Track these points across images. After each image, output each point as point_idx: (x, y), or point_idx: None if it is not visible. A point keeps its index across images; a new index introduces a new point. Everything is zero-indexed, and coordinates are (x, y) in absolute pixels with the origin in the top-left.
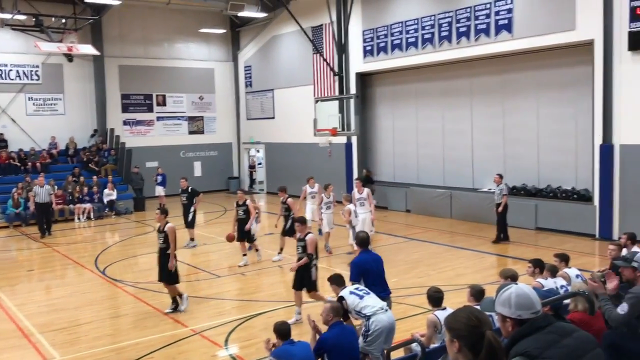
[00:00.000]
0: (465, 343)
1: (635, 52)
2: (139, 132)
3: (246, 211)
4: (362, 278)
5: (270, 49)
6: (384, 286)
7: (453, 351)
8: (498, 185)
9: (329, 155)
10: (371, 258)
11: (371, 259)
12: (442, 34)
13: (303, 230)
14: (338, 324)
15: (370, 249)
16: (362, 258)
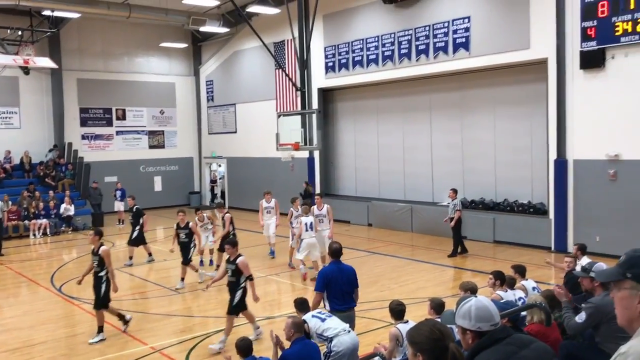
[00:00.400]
0: (428, 356)
1: (586, 71)
2: (97, 146)
3: (189, 234)
4: (326, 288)
5: (232, 63)
6: (345, 299)
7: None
8: (452, 200)
9: (291, 169)
10: (338, 269)
11: (338, 270)
12: (402, 52)
13: (233, 252)
14: (300, 340)
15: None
16: (329, 269)
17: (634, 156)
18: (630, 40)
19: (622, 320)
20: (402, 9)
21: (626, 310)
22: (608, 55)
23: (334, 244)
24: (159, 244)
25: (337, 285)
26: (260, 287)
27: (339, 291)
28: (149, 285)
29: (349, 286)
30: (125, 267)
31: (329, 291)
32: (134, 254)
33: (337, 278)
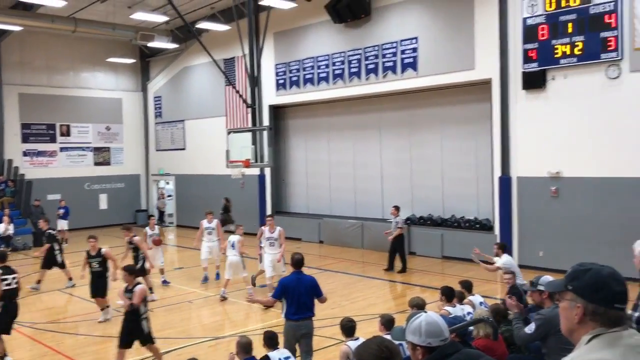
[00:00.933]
0: None
1: (528, 91)
2: (40, 163)
3: (102, 263)
4: (284, 297)
5: (181, 79)
6: (300, 309)
7: None
8: (395, 218)
9: (242, 186)
10: (297, 279)
11: (297, 280)
12: (352, 70)
13: (130, 280)
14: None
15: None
16: (289, 278)
17: (574, 173)
18: (568, 62)
19: (564, 330)
20: (352, 29)
21: (566, 321)
22: (549, 77)
23: (296, 255)
24: None
25: (295, 296)
26: (209, 307)
27: (295, 301)
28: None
29: (307, 297)
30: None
31: (287, 300)
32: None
33: (295, 288)
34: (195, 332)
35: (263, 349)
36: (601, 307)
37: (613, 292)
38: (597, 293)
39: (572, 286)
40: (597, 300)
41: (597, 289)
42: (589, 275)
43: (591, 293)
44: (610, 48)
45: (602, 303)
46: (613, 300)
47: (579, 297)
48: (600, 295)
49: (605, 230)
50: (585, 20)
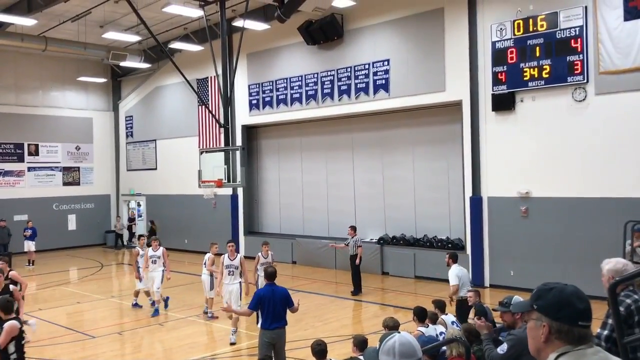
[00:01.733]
0: None
1: (498, 113)
2: (7, 183)
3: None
4: (259, 308)
5: (153, 99)
6: (275, 319)
7: None
8: (352, 237)
9: (214, 206)
10: (271, 290)
11: (271, 291)
12: (325, 91)
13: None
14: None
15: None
16: (264, 290)
17: (543, 193)
18: (536, 85)
19: (531, 350)
20: (324, 50)
21: (533, 340)
22: (517, 99)
23: (270, 268)
24: (72, 285)
25: (270, 306)
26: (178, 330)
27: (270, 311)
28: (61, 330)
29: (281, 306)
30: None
31: (262, 310)
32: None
33: (269, 299)
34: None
35: None
36: (565, 324)
37: (576, 309)
38: (560, 311)
39: (537, 305)
40: (561, 318)
41: (561, 307)
42: (552, 294)
43: (555, 311)
44: (576, 72)
45: (566, 321)
46: (577, 318)
47: (543, 316)
48: (564, 312)
49: (574, 250)
50: (552, 44)
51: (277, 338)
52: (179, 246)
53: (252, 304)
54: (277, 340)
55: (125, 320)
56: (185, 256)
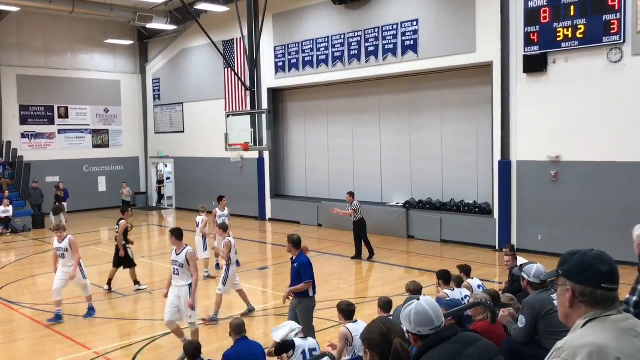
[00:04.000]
0: (376, 352)
1: (529, 75)
2: (39, 145)
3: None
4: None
5: (179, 61)
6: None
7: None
8: (351, 204)
9: (241, 170)
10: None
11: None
12: (352, 53)
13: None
14: (242, 340)
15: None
16: (307, 258)
17: (574, 158)
18: (570, 45)
19: (561, 317)
20: (351, 10)
21: (561, 307)
22: (550, 60)
23: (295, 235)
24: (103, 245)
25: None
26: (206, 289)
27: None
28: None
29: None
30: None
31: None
32: None
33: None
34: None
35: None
36: (588, 287)
37: (599, 272)
38: (583, 274)
39: (562, 270)
40: (584, 281)
41: (583, 269)
42: (575, 258)
43: (578, 274)
44: (612, 31)
45: (588, 283)
46: (600, 280)
47: (568, 280)
48: (587, 275)
49: (604, 215)
50: (587, 2)
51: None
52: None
53: (310, 273)
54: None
55: (155, 279)
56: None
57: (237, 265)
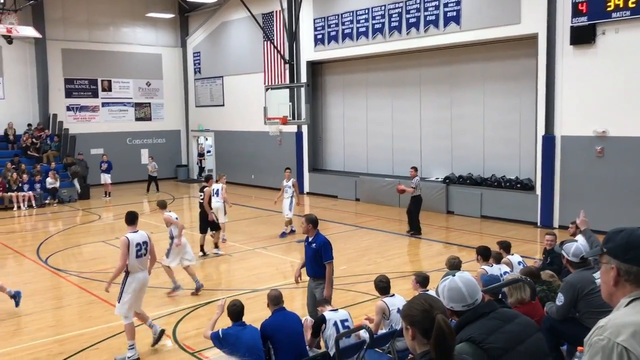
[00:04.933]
0: (418, 329)
1: (576, 47)
2: (83, 118)
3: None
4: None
5: (219, 35)
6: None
7: (409, 338)
8: (414, 179)
9: (279, 143)
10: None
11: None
12: (392, 25)
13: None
14: (279, 311)
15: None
16: (325, 237)
17: (621, 133)
18: (621, 15)
19: (604, 296)
20: None
21: (605, 285)
22: (599, 31)
23: (312, 215)
24: (146, 216)
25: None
26: (247, 261)
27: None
28: None
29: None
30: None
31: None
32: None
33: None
34: (235, 284)
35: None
36: (634, 266)
37: None
38: (629, 252)
39: (607, 248)
40: (629, 260)
41: (629, 248)
42: (620, 236)
43: (623, 253)
44: None
45: (635, 262)
46: None
47: (612, 259)
48: (633, 254)
49: None
50: None
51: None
52: (246, 181)
53: (331, 253)
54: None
55: (196, 250)
56: (253, 191)
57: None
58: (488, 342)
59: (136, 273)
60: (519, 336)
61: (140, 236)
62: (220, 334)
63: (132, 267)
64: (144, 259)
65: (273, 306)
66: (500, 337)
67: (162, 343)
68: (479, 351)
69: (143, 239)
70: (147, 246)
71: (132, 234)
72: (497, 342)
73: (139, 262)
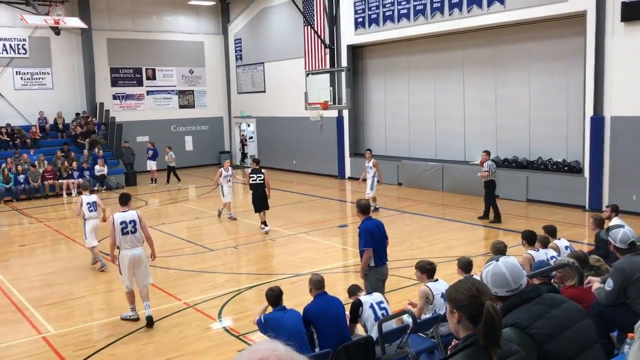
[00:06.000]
0: (465, 313)
1: (628, 24)
2: (129, 106)
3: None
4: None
5: (260, 21)
6: (384, 253)
7: (453, 322)
8: (484, 163)
9: (320, 128)
10: (375, 225)
11: (374, 225)
12: (434, 5)
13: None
14: (321, 295)
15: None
16: (368, 224)
17: None
18: None
19: None
20: None
21: None
22: None
23: (362, 201)
24: (191, 202)
25: (378, 239)
26: (290, 245)
27: (381, 244)
28: (182, 243)
29: (383, 240)
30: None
31: (373, 248)
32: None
33: (375, 233)
34: (278, 268)
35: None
36: None
37: None
38: None
39: None
40: None
41: None
42: None
43: None
44: None
45: None
46: None
47: None
48: None
49: None
50: None
51: (384, 276)
52: (288, 167)
53: (365, 241)
54: (383, 277)
55: (240, 235)
56: (294, 176)
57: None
58: (534, 328)
59: (124, 250)
60: (566, 322)
61: (129, 215)
62: (262, 319)
63: (120, 245)
64: (130, 237)
65: (315, 290)
66: (547, 322)
67: (208, 326)
68: (525, 337)
69: (131, 218)
70: (134, 224)
71: (119, 213)
72: (543, 327)
73: (125, 240)
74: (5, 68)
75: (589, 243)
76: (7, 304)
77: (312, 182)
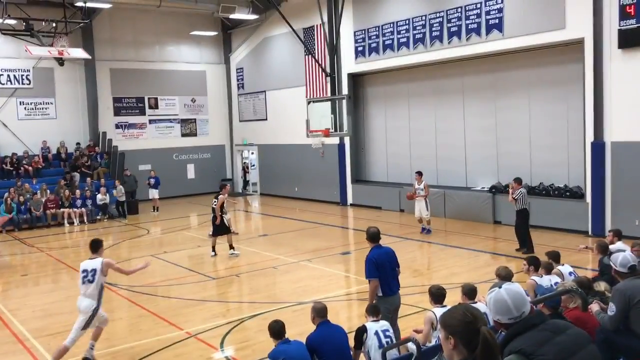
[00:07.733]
0: (460, 339)
1: (625, 50)
2: (131, 135)
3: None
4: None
5: (262, 50)
6: (395, 283)
7: (449, 348)
8: (518, 190)
9: (322, 155)
10: (384, 252)
11: (384, 253)
12: (434, 34)
13: None
14: (324, 324)
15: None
16: (375, 253)
17: None
18: None
19: None
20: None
21: None
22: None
23: (371, 229)
24: (192, 230)
25: (387, 268)
26: (293, 273)
27: (391, 273)
28: (184, 272)
29: (394, 268)
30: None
31: (381, 276)
32: None
33: (384, 262)
34: (280, 297)
35: (340, 316)
36: None
37: None
38: None
39: None
40: None
41: None
42: None
43: None
44: None
45: None
46: None
47: None
48: None
49: None
50: None
51: (398, 303)
52: (290, 194)
53: (371, 271)
54: (395, 305)
55: (242, 263)
56: (296, 203)
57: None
58: (539, 354)
59: (79, 296)
60: (571, 348)
61: (92, 264)
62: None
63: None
64: (87, 286)
65: (318, 319)
66: (552, 349)
67: (210, 356)
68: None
69: (92, 267)
70: (94, 274)
71: (86, 261)
72: (548, 354)
73: (82, 288)
74: (9, 98)
75: (592, 269)
76: (8, 335)
77: (314, 209)
